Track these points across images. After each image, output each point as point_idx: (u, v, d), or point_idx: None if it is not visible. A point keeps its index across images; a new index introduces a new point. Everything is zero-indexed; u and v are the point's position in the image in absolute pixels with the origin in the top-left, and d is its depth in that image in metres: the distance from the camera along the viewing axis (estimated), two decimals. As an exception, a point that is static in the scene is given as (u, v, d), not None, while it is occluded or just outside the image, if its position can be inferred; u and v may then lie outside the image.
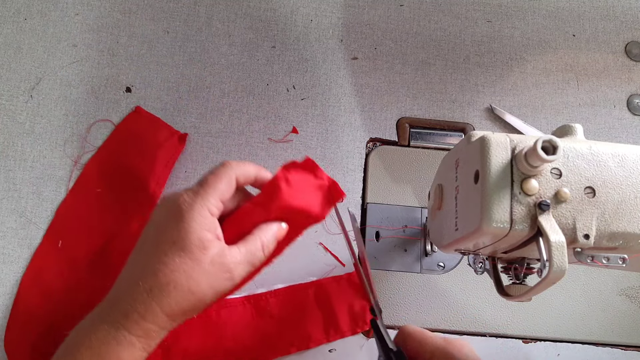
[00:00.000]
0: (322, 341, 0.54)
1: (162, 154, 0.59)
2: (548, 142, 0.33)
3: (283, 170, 0.42)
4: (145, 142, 0.59)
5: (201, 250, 0.38)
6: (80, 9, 0.64)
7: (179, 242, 0.37)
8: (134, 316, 0.37)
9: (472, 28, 0.67)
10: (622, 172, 0.36)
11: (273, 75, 0.64)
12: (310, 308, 0.55)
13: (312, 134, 0.62)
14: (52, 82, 0.62)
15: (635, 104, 0.65)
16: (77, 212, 0.57)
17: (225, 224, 0.41)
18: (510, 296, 0.40)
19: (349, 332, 0.54)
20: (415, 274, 0.57)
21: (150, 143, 0.59)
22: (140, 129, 0.60)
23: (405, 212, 0.59)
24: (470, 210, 0.36)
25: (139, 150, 0.59)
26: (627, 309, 0.57)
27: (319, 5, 0.66)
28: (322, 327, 0.54)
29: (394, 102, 0.63)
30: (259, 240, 0.41)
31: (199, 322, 0.52)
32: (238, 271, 0.39)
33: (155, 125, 0.60)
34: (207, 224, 0.38)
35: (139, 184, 0.58)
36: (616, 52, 0.67)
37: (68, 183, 0.58)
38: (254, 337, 0.50)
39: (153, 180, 0.58)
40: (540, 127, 0.63)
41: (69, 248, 0.56)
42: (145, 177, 0.58)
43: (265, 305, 0.54)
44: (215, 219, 0.39)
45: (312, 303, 0.55)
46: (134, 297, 0.37)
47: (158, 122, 0.61)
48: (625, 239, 0.35)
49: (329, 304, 0.55)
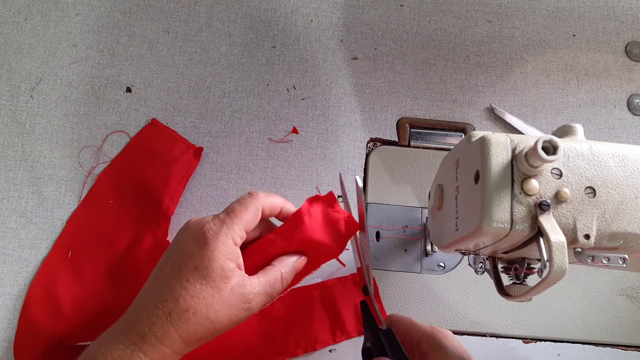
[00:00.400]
0: (328, 342, 0.54)
1: (177, 168, 0.58)
2: (548, 142, 0.33)
3: (307, 203, 0.43)
4: (161, 156, 0.59)
5: (223, 280, 0.38)
6: (80, 9, 0.64)
7: (201, 269, 0.38)
8: (152, 339, 0.37)
9: (472, 28, 0.67)
10: (622, 172, 0.36)
11: (273, 76, 0.64)
12: (316, 309, 0.55)
13: (312, 134, 0.62)
14: (52, 82, 0.62)
15: (635, 104, 0.65)
16: (89, 223, 0.57)
17: (246, 252, 0.42)
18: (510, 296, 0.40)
19: (355, 333, 0.54)
20: (416, 274, 0.57)
21: (165, 157, 0.59)
22: (155, 142, 0.60)
23: (406, 212, 0.59)
24: (471, 210, 0.36)
25: (154, 163, 0.59)
26: (627, 309, 0.57)
27: (319, 5, 0.66)
28: (328, 328, 0.54)
29: (394, 102, 0.63)
30: (279, 272, 0.42)
31: None
32: (256, 302, 0.40)
33: (171, 138, 0.60)
34: (230, 254, 0.39)
35: (152, 199, 0.57)
36: (616, 52, 0.67)
37: (81, 193, 0.58)
38: (260, 340, 0.51)
39: (167, 195, 0.57)
40: (540, 127, 0.63)
41: (79, 259, 0.56)
42: (160, 192, 0.57)
43: (270, 307, 0.54)
44: (237, 248, 0.40)
45: (318, 304, 0.55)
46: (153, 320, 0.38)
47: (174, 135, 0.60)
48: (625, 239, 0.35)
49: (334, 305, 0.55)
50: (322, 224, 0.43)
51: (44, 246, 0.56)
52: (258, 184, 0.60)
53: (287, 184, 0.60)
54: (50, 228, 0.57)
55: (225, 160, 0.60)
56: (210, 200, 0.59)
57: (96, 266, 0.55)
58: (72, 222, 0.57)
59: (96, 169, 0.59)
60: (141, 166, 0.59)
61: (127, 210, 0.57)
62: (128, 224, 0.57)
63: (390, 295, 0.57)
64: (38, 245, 0.56)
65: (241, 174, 0.60)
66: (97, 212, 0.57)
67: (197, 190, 0.59)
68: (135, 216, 0.57)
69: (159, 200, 0.57)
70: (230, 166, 0.60)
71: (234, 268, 0.39)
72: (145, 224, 0.57)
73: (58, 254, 0.56)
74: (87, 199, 0.58)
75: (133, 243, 0.56)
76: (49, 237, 0.57)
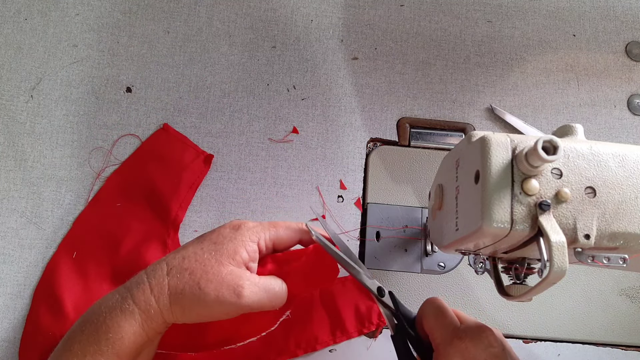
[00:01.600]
0: (328, 343, 0.54)
1: (187, 175, 0.58)
2: (548, 142, 0.33)
3: (316, 247, 0.46)
4: (171, 162, 0.59)
5: (228, 258, 0.41)
6: (80, 9, 0.64)
7: (217, 244, 0.42)
8: (144, 286, 0.40)
9: (472, 28, 0.67)
10: (622, 172, 0.36)
11: (273, 75, 0.64)
12: (316, 310, 0.55)
13: (312, 134, 0.62)
14: (52, 82, 0.62)
15: (635, 104, 0.65)
16: (95, 224, 0.57)
17: (261, 261, 0.45)
18: (510, 296, 0.40)
19: (355, 333, 0.54)
20: (416, 274, 0.57)
21: (175, 163, 0.59)
22: (166, 147, 0.60)
23: (406, 212, 0.59)
24: (471, 210, 0.36)
25: (164, 169, 0.58)
26: (627, 309, 0.57)
27: (319, 5, 0.66)
28: (329, 328, 0.54)
29: (394, 102, 0.63)
30: (281, 280, 0.44)
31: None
32: (248, 291, 0.41)
33: (182, 145, 0.60)
34: (250, 248, 0.42)
35: (160, 205, 0.57)
36: (616, 52, 0.67)
37: (89, 195, 0.58)
38: (260, 340, 0.51)
39: (176, 202, 0.57)
40: (540, 127, 0.63)
41: (83, 260, 0.55)
42: (168, 199, 0.57)
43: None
44: (257, 250, 0.43)
45: (318, 305, 0.55)
46: (154, 270, 0.41)
47: (185, 141, 0.60)
48: (625, 239, 0.35)
49: (334, 305, 0.55)
50: (320, 265, 0.46)
51: (44, 246, 0.56)
52: (258, 184, 0.60)
53: (287, 184, 0.60)
54: (50, 228, 0.57)
55: (225, 160, 0.60)
56: (210, 200, 0.59)
57: (100, 269, 0.55)
58: (79, 223, 0.57)
59: (105, 171, 0.59)
60: (151, 171, 0.58)
61: (135, 214, 0.57)
62: (135, 227, 0.57)
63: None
64: (38, 245, 0.56)
65: (241, 174, 0.60)
66: (104, 214, 0.57)
67: (197, 190, 0.59)
68: (142, 220, 0.57)
69: (167, 206, 0.57)
70: (230, 166, 0.60)
71: (244, 258, 0.42)
72: (152, 229, 0.57)
73: (63, 255, 0.56)
74: (94, 201, 0.58)
75: (138, 247, 0.56)
76: (49, 237, 0.57)
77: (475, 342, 0.38)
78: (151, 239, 0.56)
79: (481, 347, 0.38)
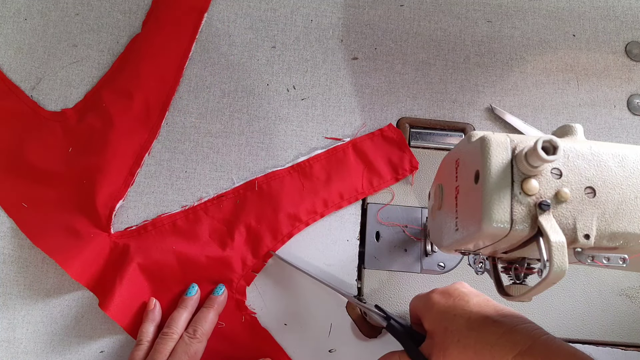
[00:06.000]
0: (369, 191, 0.59)
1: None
2: (548, 142, 0.33)
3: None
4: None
5: None
6: (80, 9, 0.64)
7: None
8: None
9: (472, 28, 0.67)
10: (622, 172, 0.36)
11: (273, 76, 0.64)
12: (352, 164, 0.59)
13: (312, 134, 0.62)
14: (52, 82, 0.62)
15: (635, 104, 0.65)
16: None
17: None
18: (510, 296, 0.40)
19: (392, 180, 0.59)
20: (416, 274, 0.57)
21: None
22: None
23: (406, 212, 0.59)
24: (471, 210, 0.36)
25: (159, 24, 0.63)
26: (627, 309, 0.57)
27: (319, 5, 0.66)
28: (367, 179, 0.59)
29: (394, 102, 0.63)
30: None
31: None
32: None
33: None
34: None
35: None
36: (616, 52, 0.67)
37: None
38: (305, 199, 0.57)
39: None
40: (540, 127, 0.63)
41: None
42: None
43: (309, 170, 0.59)
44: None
45: (353, 159, 0.60)
46: None
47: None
48: (625, 239, 0.35)
49: (367, 158, 0.60)
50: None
51: (44, 246, 0.56)
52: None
53: (287, 184, 0.60)
54: (50, 228, 0.57)
55: (225, 160, 0.60)
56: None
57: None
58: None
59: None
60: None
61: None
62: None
63: (390, 295, 0.57)
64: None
65: (241, 174, 0.60)
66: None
67: (197, 190, 0.59)
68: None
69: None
70: (230, 166, 0.60)
71: None
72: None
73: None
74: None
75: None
76: (49, 237, 0.57)
77: (442, 290, 0.47)
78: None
79: (449, 291, 0.47)
